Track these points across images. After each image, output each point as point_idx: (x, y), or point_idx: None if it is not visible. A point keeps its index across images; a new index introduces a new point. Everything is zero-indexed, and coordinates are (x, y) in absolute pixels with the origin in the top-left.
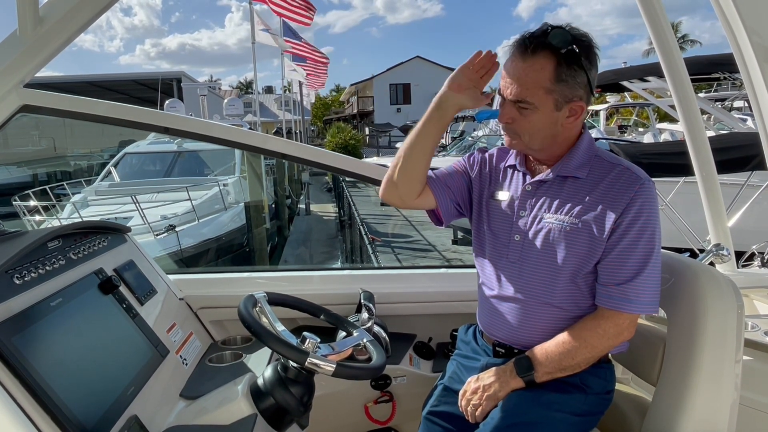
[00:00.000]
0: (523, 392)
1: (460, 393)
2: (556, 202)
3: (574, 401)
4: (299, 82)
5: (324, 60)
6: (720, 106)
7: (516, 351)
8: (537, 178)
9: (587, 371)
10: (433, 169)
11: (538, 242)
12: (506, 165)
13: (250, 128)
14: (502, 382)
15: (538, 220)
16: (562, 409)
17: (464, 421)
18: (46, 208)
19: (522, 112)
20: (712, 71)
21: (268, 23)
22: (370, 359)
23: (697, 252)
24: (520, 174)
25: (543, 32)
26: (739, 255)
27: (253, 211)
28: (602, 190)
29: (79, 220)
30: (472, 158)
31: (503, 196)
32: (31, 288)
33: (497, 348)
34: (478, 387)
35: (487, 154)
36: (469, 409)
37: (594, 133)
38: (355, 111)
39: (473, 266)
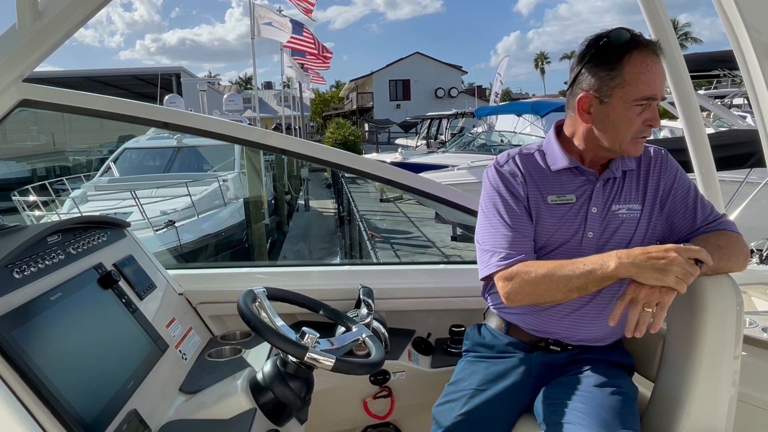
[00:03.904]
0: (589, 383)
1: (630, 301)
2: (624, 195)
3: (629, 383)
4: (298, 80)
5: (327, 54)
6: (719, 103)
7: (570, 347)
8: (605, 176)
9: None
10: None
11: (618, 235)
12: (556, 168)
13: (249, 124)
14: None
15: (612, 214)
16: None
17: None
18: (45, 204)
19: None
20: (712, 68)
21: (270, 16)
22: (369, 354)
23: None
24: (582, 174)
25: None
26: None
27: (252, 207)
28: (646, 170)
29: (79, 215)
30: (516, 183)
31: (567, 198)
32: (31, 282)
33: (551, 346)
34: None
35: (518, 164)
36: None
37: None
38: (354, 107)
39: (472, 262)
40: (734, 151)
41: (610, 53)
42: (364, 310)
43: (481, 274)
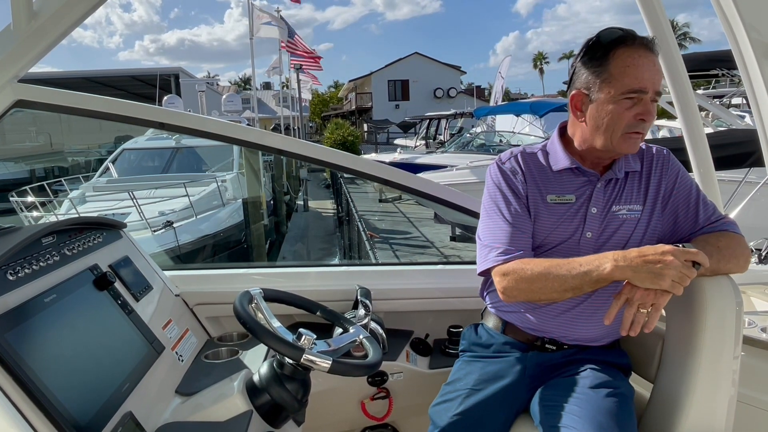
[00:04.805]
0: (582, 385)
1: (625, 301)
2: (625, 196)
3: (625, 384)
4: (297, 78)
5: (316, 58)
6: (718, 102)
7: (566, 346)
8: (607, 177)
9: (629, 355)
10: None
11: (617, 235)
12: (558, 168)
13: (248, 124)
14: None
15: (612, 214)
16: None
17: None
18: (43, 204)
19: (653, 106)
20: (711, 68)
21: (269, 14)
22: (366, 356)
23: None
24: (584, 175)
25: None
26: None
27: (251, 208)
28: (647, 171)
29: (76, 215)
30: (516, 181)
31: (566, 198)
32: (25, 284)
33: (547, 345)
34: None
35: (520, 163)
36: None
37: None
38: (353, 107)
39: (471, 263)
40: (733, 151)
41: (597, 50)
42: (361, 311)
43: (479, 269)
